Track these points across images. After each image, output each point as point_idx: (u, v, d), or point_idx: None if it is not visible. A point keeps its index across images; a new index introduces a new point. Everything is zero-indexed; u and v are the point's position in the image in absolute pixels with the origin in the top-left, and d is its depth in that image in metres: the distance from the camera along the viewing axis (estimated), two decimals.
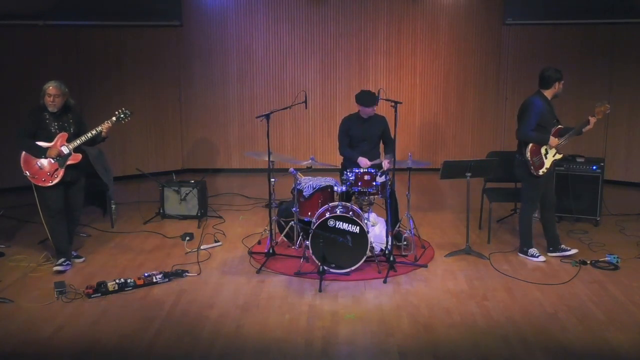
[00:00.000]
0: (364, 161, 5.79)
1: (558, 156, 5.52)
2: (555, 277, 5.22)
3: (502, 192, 6.48)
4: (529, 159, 5.41)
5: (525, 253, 5.67)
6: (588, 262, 5.49)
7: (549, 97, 5.46)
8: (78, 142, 5.25)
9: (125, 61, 8.83)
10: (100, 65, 8.65)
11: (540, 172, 5.46)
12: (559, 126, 5.48)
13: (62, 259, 5.35)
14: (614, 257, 5.50)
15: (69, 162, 5.26)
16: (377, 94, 5.38)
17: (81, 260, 5.62)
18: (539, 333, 4.23)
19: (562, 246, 5.69)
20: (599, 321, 4.41)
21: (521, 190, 5.75)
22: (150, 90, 9.05)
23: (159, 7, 8.74)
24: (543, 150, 5.46)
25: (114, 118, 5.33)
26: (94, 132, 5.24)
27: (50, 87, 5.17)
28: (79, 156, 5.31)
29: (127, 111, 5.39)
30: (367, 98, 5.81)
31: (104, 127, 5.25)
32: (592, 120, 5.39)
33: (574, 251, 5.63)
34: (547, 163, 5.46)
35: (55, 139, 5.23)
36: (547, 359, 3.93)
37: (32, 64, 8.05)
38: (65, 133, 5.26)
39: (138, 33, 8.83)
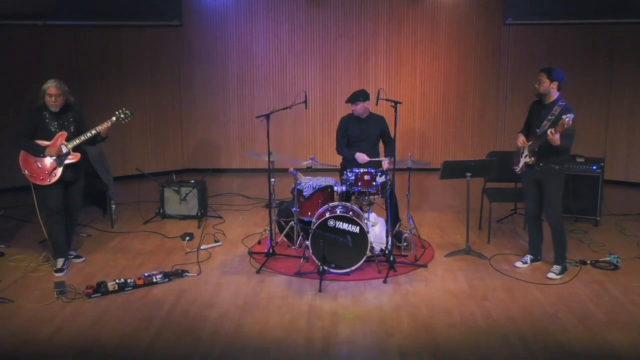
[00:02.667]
0: (362, 156, 5.80)
1: (527, 159, 5.21)
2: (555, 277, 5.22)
3: (502, 192, 6.47)
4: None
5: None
6: (588, 262, 5.49)
7: None
8: (77, 141, 5.22)
9: (125, 61, 8.83)
10: (100, 65, 8.65)
11: (514, 167, 5.37)
12: (536, 130, 5.08)
13: (61, 263, 5.34)
14: (614, 257, 5.50)
15: (68, 161, 5.23)
16: (378, 94, 5.37)
17: (81, 260, 5.62)
18: (539, 333, 4.23)
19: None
20: (599, 321, 4.41)
21: None
22: (150, 90, 9.06)
23: (158, 7, 8.75)
24: (521, 150, 5.32)
25: (113, 118, 5.27)
26: (93, 132, 5.21)
27: (51, 87, 5.12)
28: (78, 155, 5.28)
29: (127, 111, 5.33)
30: (352, 95, 5.83)
31: (102, 127, 5.21)
32: (549, 133, 4.81)
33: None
34: (520, 162, 5.31)
35: (55, 137, 5.21)
36: (547, 359, 3.92)
37: (32, 64, 8.05)
38: (64, 132, 5.24)
39: (138, 33, 8.83)
